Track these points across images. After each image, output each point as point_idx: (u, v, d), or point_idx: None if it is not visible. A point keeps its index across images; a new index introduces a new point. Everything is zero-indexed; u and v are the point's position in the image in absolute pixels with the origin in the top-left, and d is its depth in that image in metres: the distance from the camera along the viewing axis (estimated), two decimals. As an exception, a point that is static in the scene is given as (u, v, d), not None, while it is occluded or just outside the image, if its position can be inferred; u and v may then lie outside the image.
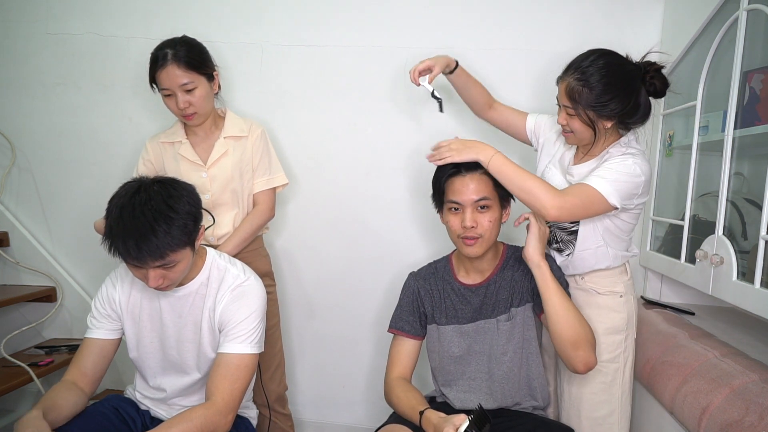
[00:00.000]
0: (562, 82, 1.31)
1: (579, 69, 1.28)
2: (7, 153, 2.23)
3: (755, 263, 1.17)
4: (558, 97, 1.34)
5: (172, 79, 1.55)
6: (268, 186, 1.75)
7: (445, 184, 1.35)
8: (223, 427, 1.22)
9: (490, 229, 1.33)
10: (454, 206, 1.33)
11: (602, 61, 1.27)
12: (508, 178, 1.27)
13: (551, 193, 1.25)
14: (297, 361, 2.17)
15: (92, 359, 1.33)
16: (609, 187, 1.24)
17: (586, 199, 1.25)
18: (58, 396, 1.24)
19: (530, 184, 1.25)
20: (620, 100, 1.26)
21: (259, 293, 1.35)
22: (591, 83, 1.25)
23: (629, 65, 1.30)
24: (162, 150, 1.72)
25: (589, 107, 1.27)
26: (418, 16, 1.92)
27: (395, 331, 1.46)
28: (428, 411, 1.25)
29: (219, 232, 1.67)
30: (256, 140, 1.72)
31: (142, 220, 1.13)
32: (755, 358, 1.24)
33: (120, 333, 1.38)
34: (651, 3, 1.78)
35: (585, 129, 1.31)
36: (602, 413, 1.40)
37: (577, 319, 1.27)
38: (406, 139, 1.98)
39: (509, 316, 1.37)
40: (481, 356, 1.39)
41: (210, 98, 1.65)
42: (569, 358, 1.27)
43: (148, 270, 1.18)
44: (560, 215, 1.24)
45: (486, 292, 1.40)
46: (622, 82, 1.27)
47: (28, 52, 2.17)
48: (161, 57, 1.55)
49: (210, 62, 1.64)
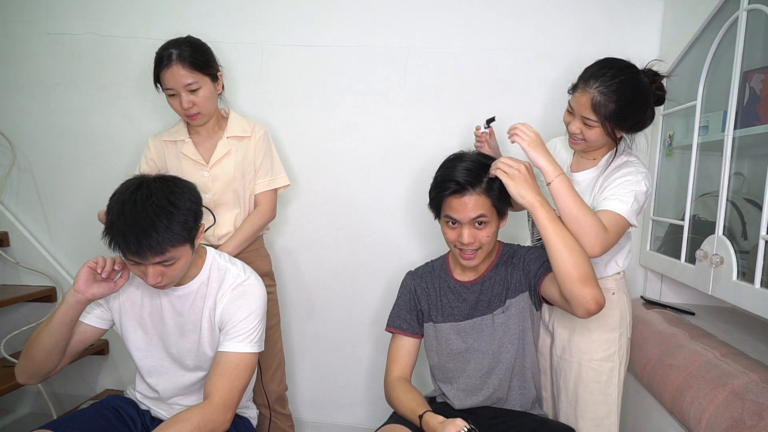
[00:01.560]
0: (584, 93, 1.27)
1: (603, 83, 1.25)
2: (7, 153, 2.23)
3: (755, 263, 1.17)
4: (574, 105, 1.31)
5: (177, 79, 1.55)
6: (269, 187, 1.75)
7: (442, 201, 1.33)
8: (222, 425, 1.22)
9: (488, 243, 1.33)
10: (451, 221, 1.33)
11: (624, 75, 1.26)
12: (565, 204, 1.23)
13: (598, 233, 1.21)
14: (297, 361, 2.17)
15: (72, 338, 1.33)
16: (629, 209, 1.25)
17: (619, 229, 1.25)
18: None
19: (583, 219, 1.21)
20: (641, 112, 1.28)
21: (260, 293, 1.35)
22: (615, 97, 1.25)
23: (643, 77, 1.30)
24: (164, 148, 1.72)
25: (611, 120, 1.27)
26: (418, 16, 1.92)
27: (393, 330, 1.46)
28: (427, 414, 1.25)
29: (220, 231, 1.67)
30: (258, 141, 1.72)
31: (143, 215, 1.13)
32: (755, 358, 1.24)
33: (106, 325, 1.38)
34: (651, 3, 1.78)
35: (601, 138, 1.30)
36: (600, 414, 1.40)
37: (582, 256, 1.21)
38: (406, 140, 1.98)
39: (504, 309, 1.37)
40: (478, 353, 1.39)
41: (214, 98, 1.65)
42: (580, 296, 1.19)
43: (148, 266, 1.18)
44: (600, 254, 1.24)
45: (481, 288, 1.40)
46: (642, 95, 1.28)
47: (28, 52, 2.17)
48: (166, 57, 1.55)
49: (214, 63, 1.65)
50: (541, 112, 1.87)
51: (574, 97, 1.31)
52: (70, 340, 1.31)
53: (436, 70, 1.93)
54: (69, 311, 1.24)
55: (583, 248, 1.21)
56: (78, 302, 1.24)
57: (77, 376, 2.27)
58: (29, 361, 1.28)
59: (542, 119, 1.86)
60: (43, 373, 1.31)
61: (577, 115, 1.31)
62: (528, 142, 1.26)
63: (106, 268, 1.24)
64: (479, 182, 1.28)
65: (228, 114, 1.75)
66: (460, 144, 1.90)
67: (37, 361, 1.28)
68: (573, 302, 1.21)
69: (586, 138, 1.32)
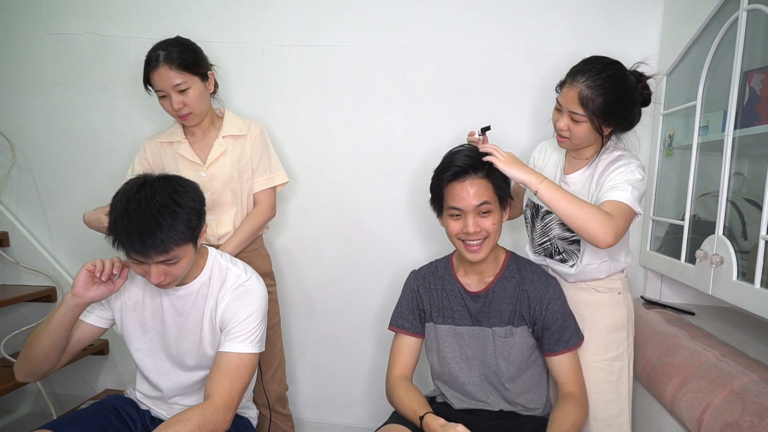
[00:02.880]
0: (571, 88, 1.29)
1: (590, 77, 1.27)
2: (7, 153, 2.23)
3: (755, 263, 1.17)
4: (561, 102, 1.33)
5: (165, 81, 1.55)
6: (268, 185, 1.75)
7: (444, 189, 1.33)
8: (222, 425, 1.22)
9: (494, 232, 1.33)
10: (455, 212, 1.32)
11: (611, 71, 1.28)
12: (558, 206, 1.24)
13: (603, 220, 1.20)
14: (297, 361, 2.17)
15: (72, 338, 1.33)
16: (631, 196, 1.25)
17: (626, 216, 1.24)
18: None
19: (582, 213, 1.21)
20: (627, 108, 1.30)
21: (261, 293, 1.35)
22: (602, 91, 1.26)
23: (630, 75, 1.32)
24: (161, 150, 1.72)
25: (599, 115, 1.28)
26: (418, 16, 1.92)
27: (395, 329, 1.46)
28: (428, 416, 1.25)
29: (219, 231, 1.67)
30: (255, 139, 1.72)
31: (147, 213, 1.13)
32: (755, 358, 1.24)
33: (107, 324, 1.38)
34: (651, 3, 1.78)
35: (589, 134, 1.32)
36: (611, 413, 1.40)
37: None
38: (405, 139, 1.98)
39: (507, 333, 1.37)
40: (476, 361, 1.39)
41: (205, 98, 1.64)
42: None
43: (151, 266, 1.18)
44: (614, 241, 1.21)
45: (485, 300, 1.39)
46: (628, 91, 1.30)
47: (28, 52, 2.17)
48: (154, 59, 1.55)
49: (204, 62, 1.64)
50: (540, 112, 1.87)
51: (562, 93, 1.33)
52: (69, 341, 1.30)
53: (436, 70, 1.93)
54: (68, 314, 1.24)
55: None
56: (76, 305, 1.24)
57: (77, 376, 2.27)
58: (28, 361, 1.29)
59: (542, 119, 1.85)
60: (42, 372, 1.31)
61: (564, 110, 1.32)
62: (503, 162, 1.28)
63: (105, 271, 1.24)
64: (480, 167, 1.30)
65: (223, 113, 1.75)
66: (459, 144, 1.90)
67: (36, 362, 1.28)
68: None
69: (573, 135, 1.33)
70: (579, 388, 1.35)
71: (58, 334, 1.25)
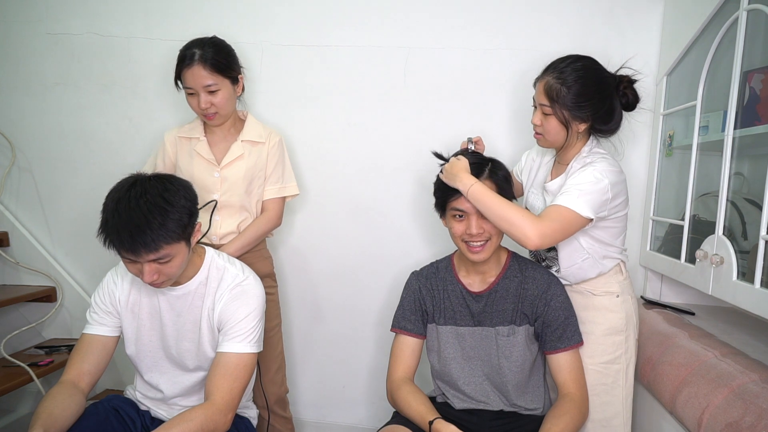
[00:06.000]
0: (540, 81, 1.35)
1: (557, 69, 1.32)
2: (7, 153, 2.23)
3: (755, 263, 1.17)
4: (535, 96, 1.37)
5: (197, 80, 1.55)
6: (278, 194, 1.75)
7: (447, 190, 1.34)
8: (223, 426, 1.22)
9: (497, 233, 1.33)
10: (458, 213, 1.33)
11: (580, 63, 1.32)
12: (486, 207, 1.26)
13: (530, 221, 1.22)
14: (298, 362, 2.17)
15: (94, 357, 1.33)
16: (578, 200, 1.25)
17: (562, 219, 1.24)
18: (56, 407, 1.21)
19: (510, 214, 1.23)
20: (595, 102, 1.31)
21: (258, 292, 1.35)
22: (568, 83, 1.29)
23: (605, 72, 1.34)
24: (178, 144, 1.72)
25: (566, 107, 1.30)
26: (418, 16, 1.92)
27: (398, 331, 1.46)
28: (438, 422, 1.25)
29: (222, 231, 1.67)
30: (272, 148, 1.72)
31: (137, 212, 1.13)
32: (755, 358, 1.24)
33: (120, 330, 1.37)
34: (651, 3, 1.78)
35: (559, 129, 1.33)
36: (606, 415, 1.39)
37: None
38: (406, 139, 1.98)
39: (510, 332, 1.37)
40: (478, 362, 1.39)
41: (232, 100, 1.65)
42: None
43: (143, 264, 1.18)
44: (543, 243, 1.23)
45: (487, 300, 1.39)
46: (598, 85, 1.31)
47: (28, 52, 2.17)
48: (189, 56, 1.55)
49: (236, 65, 1.65)
50: (541, 112, 1.87)
51: (536, 88, 1.36)
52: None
53: (436, 70, 1.93)
54: None
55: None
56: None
57: (77, 376, 2.27)
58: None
59: (542, 119, 1.85)
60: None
61: (537, 105, 1.35)
62: (444, 176, 1.33)
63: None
64: (482, 169, 1.32)
65: (246, 117, 1.75)
66: (460, 143, 1.90)
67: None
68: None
69: (545, 130, 1.35)
70: (579, 389, 1.34)
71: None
